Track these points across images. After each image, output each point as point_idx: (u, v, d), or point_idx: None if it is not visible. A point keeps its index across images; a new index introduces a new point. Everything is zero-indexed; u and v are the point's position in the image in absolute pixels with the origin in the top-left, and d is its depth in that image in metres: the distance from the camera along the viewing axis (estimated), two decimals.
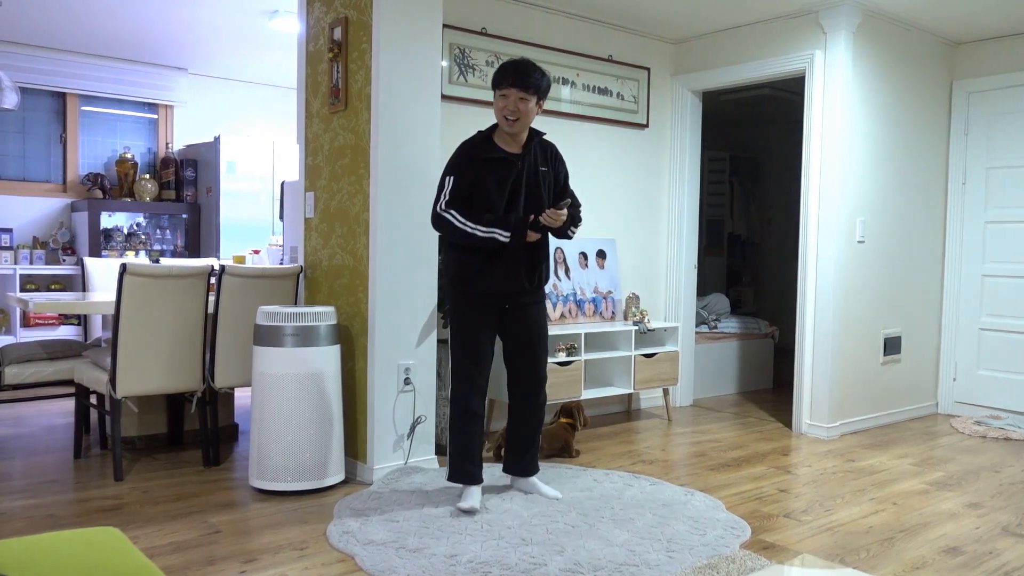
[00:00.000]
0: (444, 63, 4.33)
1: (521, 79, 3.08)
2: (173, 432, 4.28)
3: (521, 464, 3.43)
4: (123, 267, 3.54)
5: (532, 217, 3.14)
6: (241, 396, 5.24)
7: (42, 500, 3.33)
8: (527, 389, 3.37)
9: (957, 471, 4.03)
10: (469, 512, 3.15)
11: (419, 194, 3.71)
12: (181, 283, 3.71)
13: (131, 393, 3.64)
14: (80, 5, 5.19)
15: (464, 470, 3.24)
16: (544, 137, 3.30)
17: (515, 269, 3.19)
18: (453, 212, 3.10)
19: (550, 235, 3.30)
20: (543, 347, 3.37)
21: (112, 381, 3.59)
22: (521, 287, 3.22)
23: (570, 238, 3.31)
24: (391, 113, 3.62)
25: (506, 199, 3.15)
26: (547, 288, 4.64)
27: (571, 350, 4.50)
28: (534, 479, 3.44)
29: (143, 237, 6.70)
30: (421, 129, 3.72)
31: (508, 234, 3.07)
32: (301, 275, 4.07)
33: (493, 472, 3.72)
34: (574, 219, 3.25)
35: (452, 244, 3.21)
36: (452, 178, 3.14)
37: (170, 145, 6.96)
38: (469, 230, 3.08)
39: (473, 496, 3.21)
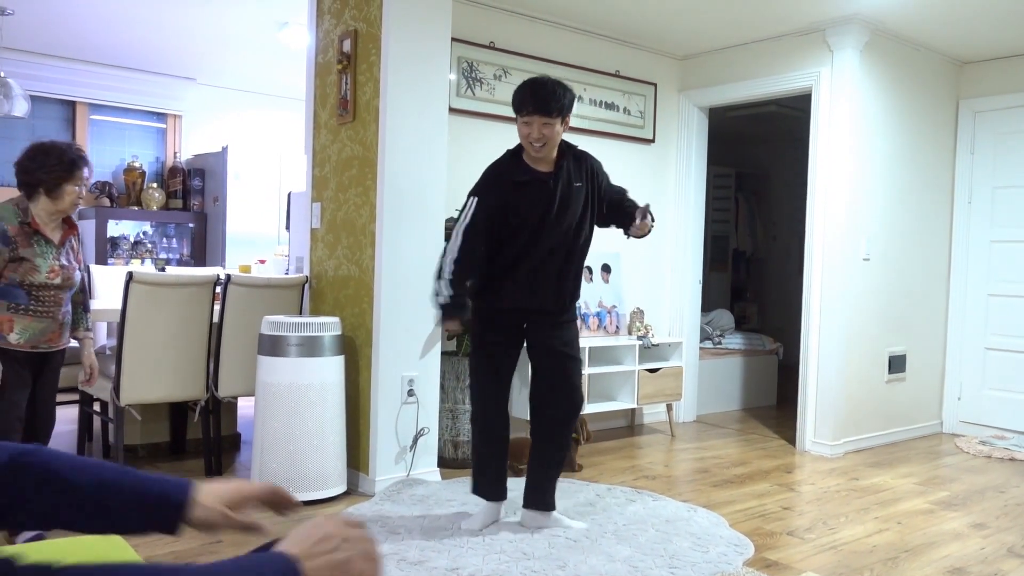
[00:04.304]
0: (452, 76, 4.35)
1: (542, 106, 2.88)
2: (176, 441, 4.27)
3: (544, 499, 3.18)
4: (129, 275, 3.56)
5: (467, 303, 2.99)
6: (244, 405, 5.23)
7: None
8: (558, 418, 3.10)
9: (962, 491, 4.01)
10: (468, 531, 3.12)
11: (426, 206, 3.72)
12: (186, 292, 3.72)
13: (135, 401, 3.64)
14: (90, 15, 5.24)
15: (483, 488, 3.17)
16: (578, 149, 3.12)
17: (542, 287, 3.04)
18: (462, 241, 2.95)
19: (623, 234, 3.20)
20: (576, 368, 3.13)
21: (116, 388, 3.59)
22: (547, 307, 3.07)
23: (648, 233, 3.14)
24: (399, 125, 3.63)
25: (536, 221, 2.98)
26: None
27: None
28: (556, 514, 3.23)
29: (149, 245, 6.72)
30: (428, 141, 3.73)
31: (443, 304, 2.94)
32: (306, 285, 4.08)
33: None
34: (652, 217, 3.10)
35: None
36: (476, 200, 2.98)
37: (178, 154, 7.00)
38: (445, 265, 2.96)
39: (480, 519, 3.16)
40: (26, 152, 2.97)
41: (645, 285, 5.39)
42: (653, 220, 3.11)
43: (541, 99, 2.90)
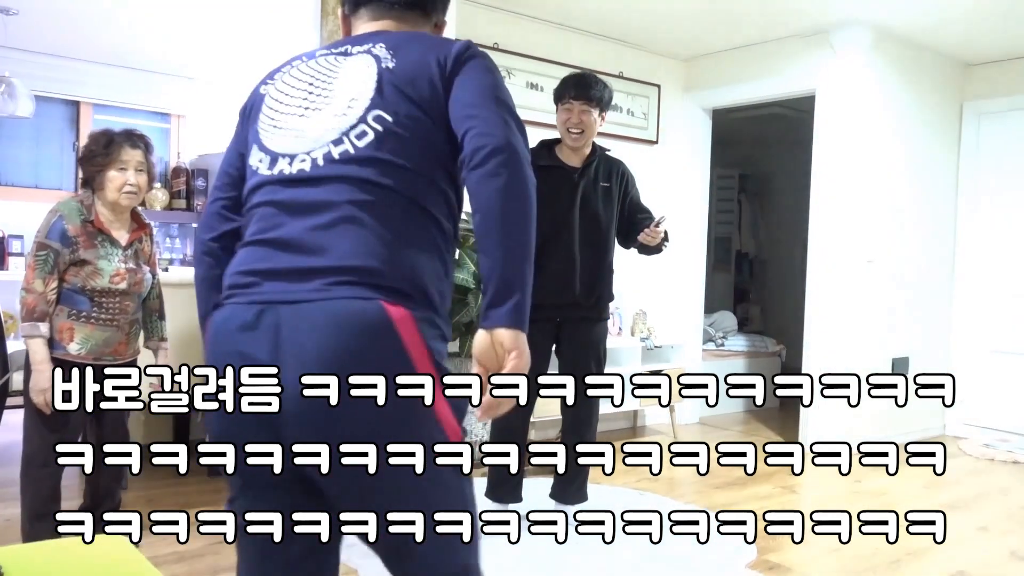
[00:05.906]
0: None
1: (583, 91, 3.06)
2: (180, 440, 4.28)
3: (566, 493, 3.26)
4: None
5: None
6: None
7: None
8: (580, 417, 3.17)
9: (965, 494, 4.00)
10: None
11: None
12: (191, 292, 3.72)
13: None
14: (94, 15, 5.24)
15: (500, 495, 3.19)
16: (609, 153, 3.23)
17: (571, 280, 3.09)
18: None
19: (637, 252, 3.27)
20: (600, 370, 3.20)
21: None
22: (576, 301, 3.11)
23: (661, 252, 3.22)
24: None
25: (559, 213, 3.05)
26: None
27: None
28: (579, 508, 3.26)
29: None
30: None
31: None
32: None
33: None
34: (666, 234, 3.17)
35: None
36: None
37: (181, 154, 7.01)
38: None
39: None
40: None
41: (648, 286, 5.38)
42: (667, 240, 3.17)
43: (582, 86, 3.07)
